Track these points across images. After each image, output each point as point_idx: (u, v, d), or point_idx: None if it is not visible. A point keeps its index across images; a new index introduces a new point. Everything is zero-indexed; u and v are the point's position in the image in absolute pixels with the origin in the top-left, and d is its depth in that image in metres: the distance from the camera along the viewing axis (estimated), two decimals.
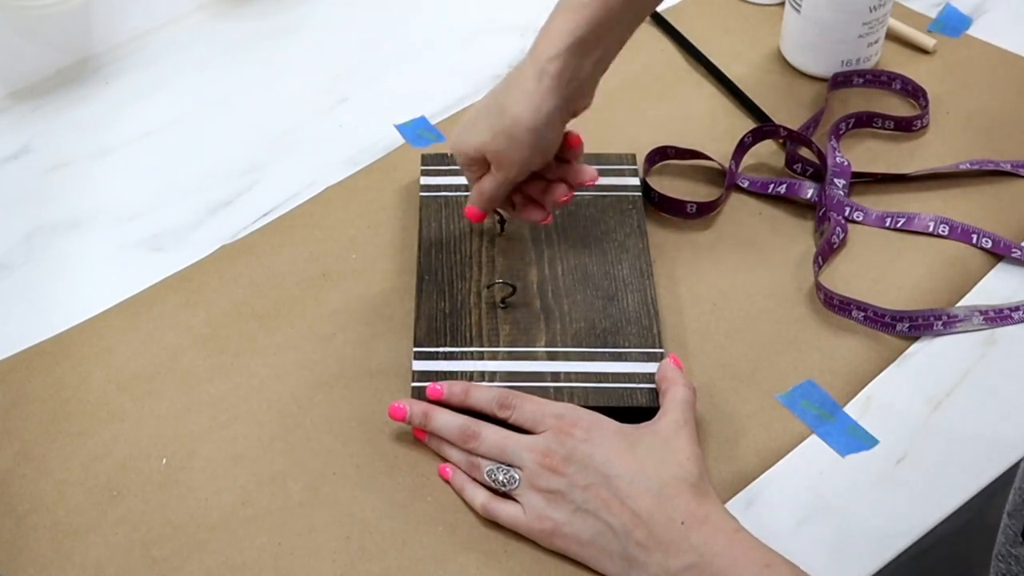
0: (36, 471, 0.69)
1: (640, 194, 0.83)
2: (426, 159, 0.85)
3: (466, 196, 0.78)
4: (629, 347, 0.72)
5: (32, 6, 0.92)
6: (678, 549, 0.59)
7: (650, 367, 0.70)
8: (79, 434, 0.71)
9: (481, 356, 0.72)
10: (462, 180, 0.80)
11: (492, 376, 0.70)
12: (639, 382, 0.70)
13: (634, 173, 0.84)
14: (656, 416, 0.66)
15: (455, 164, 0.78)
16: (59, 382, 0.74)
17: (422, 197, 0.82)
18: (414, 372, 0.71)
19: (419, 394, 0.69)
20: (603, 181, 0.81)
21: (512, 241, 0.79)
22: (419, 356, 0.72)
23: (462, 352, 0.72)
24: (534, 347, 0.72)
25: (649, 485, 0.61)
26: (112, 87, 0.99)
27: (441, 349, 0.72)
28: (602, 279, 0.76)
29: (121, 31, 1.03)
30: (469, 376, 0.70)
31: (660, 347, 0.72)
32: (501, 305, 0.74)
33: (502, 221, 0.80)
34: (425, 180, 0.84)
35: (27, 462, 0.69)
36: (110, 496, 0.67)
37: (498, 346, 0.72)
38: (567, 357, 0.71)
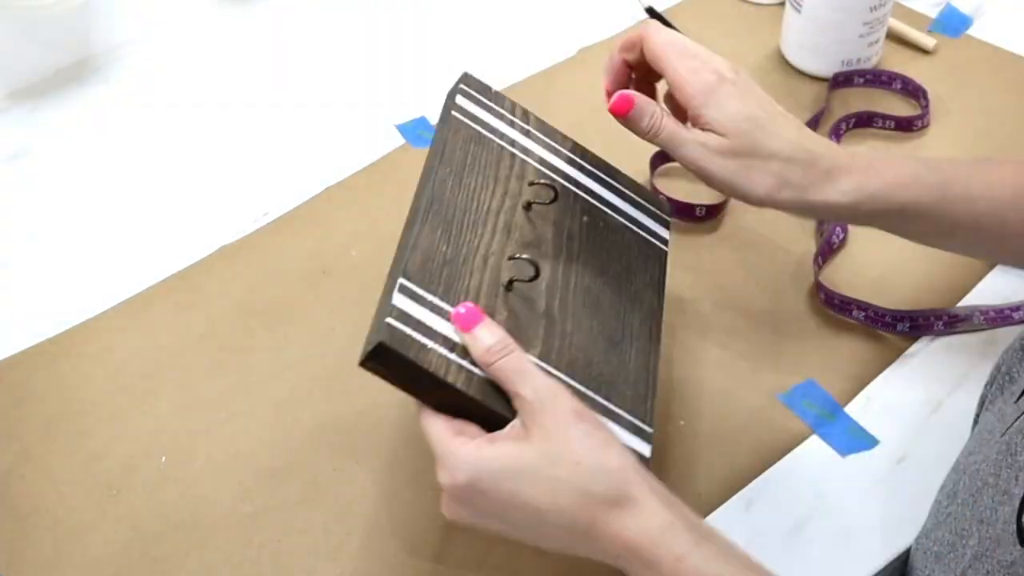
0: (36, 471, 0.69)
1: (667, 250, 0.70)
2: (469, 80, 0.70)
3: (502, 144, 0.67)
4: (621, 409, 0.59)
5: (33, 6, 0.92)
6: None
7: (636, 442, 0.58)
8: (79, 434, 0.71)
9: None
10: (503, 126, 0.69)
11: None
12: None
13: (666, 224, 0.72)
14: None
15: (501, 105, 0.69)
16: (59, 382, 0.74)
17: (453, 116, 0.67)
18: (394, 307, 0.55)
19: (392, 336, 0.54)
20: (635, 215, 0.70)
21: (533, 224, 0.65)
22: (404, 293, 0.56)
23: (449, 313, 0.57)
24: (527, 352, 0.57)
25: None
26: (112, 87, 0.99)
27: (430, 296, 0.56)
28: (611, 318, 0.63)
29: (121, 31, 1.03)
30: (451, 346, 0.55)
31: (651, 427, 0.60)
32: (505, 286, 0.60)
33: (537, 201, 0.65)
34: (461, 101, 0.68)
35: (27, 462, 0.69)
36: (110, 495, 0.67)
37: None
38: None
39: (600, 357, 0.61)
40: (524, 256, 0.61)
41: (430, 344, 0.55)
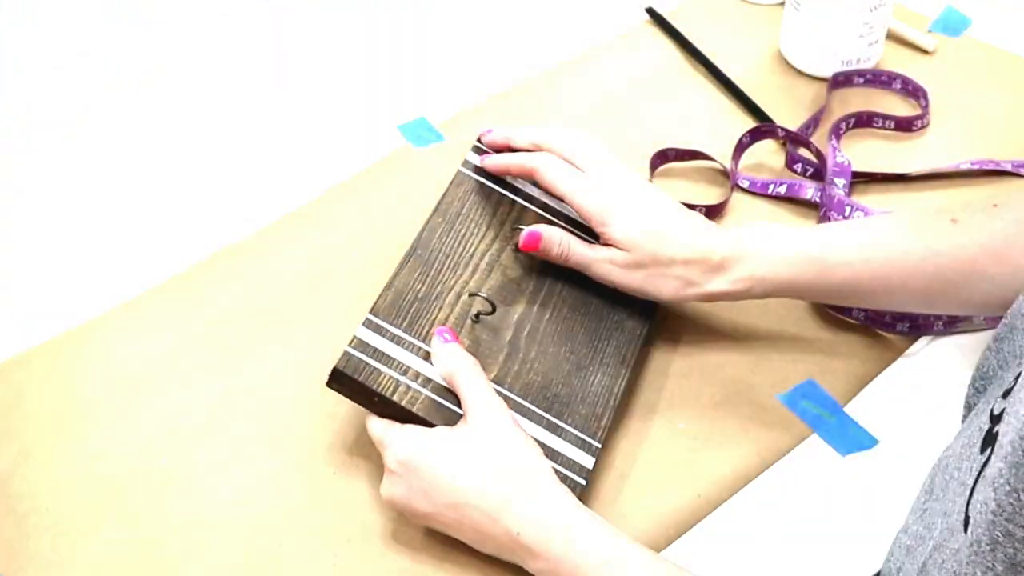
0: (36, 471, 0.69)
1: None
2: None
3: (503, 193, 0.75)
4: (570, 425, 0.67)
5: None
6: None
7: (579, 454, 0.66)
8: (79, 434, 0.71)
9: (425, 356, 0.67)
10: (510, 176, 0.77)
11: (426, 382, 0.66)
12: (559, 463, 0.65)
13: None
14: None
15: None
16: (59, 382, 0.74)
17: (460, 171, 0.76)
18: (355, 337, 0.66)
19: (347, 362, 0.65)
20: None
21: (520, 262, 0.74)
22: (368, 325, 0.67)
23: (410, 342, 0.67)
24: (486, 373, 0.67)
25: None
26: (109, 87, 0.99)
27: (393, 328, 0.67)
28: (583, 345, 0.71)
29: (122, 31, 1.03)
30: (404, 370, 0.66)
31: (599, 442, 0.67)
32: (473, 318, 0.70)
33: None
34: (471, 157, 0.77)
35: (27, 462, 0.69)
36: (110, 496, 0.67)
37: None
38: (505, 402, 0.65)
39: (561, 380, 0.69)
40: (482, 294, 0.70)
41: (382, 368, 0.65)
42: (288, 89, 0.98)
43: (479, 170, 0.77)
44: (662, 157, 0.88)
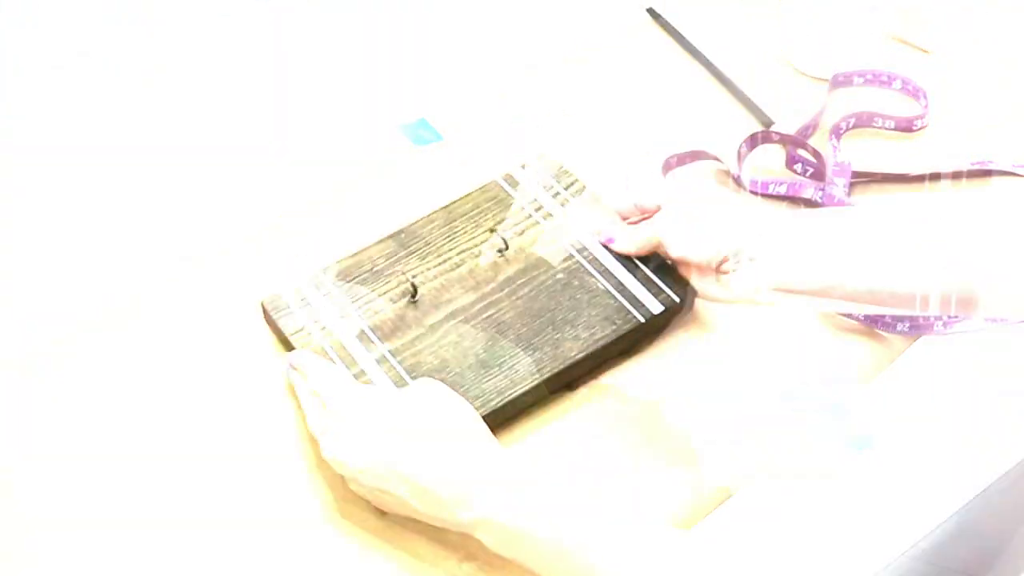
0: (36, 471, 0.69)
1: (642, 321, 0.73)
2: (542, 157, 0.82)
3: (523, 206, 0.77)
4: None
5: None
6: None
7: None
8: (79, 434, 0.71)
9: (347, 316, 0.72)
10: (543, 194, 0.79)
11: (329, 335, 0.71)
12: None
13: (669, 305, 0.74)
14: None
15: (559, 179, 0.79)
16: (59, 382, 0.74)
17: (496, 181, 0.80)
18: (294, 285, 0.73)
19: (273, 302, 0.73)
20: (630, 285, 0.75)
21: (500, 265, 0.75)
22: (313, 280, 0.74)
23: (340, 301, 0.73)
24: (385, 343, 0.71)
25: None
26: (109, 88, 0.99)
27: (333, 288, 0.73)
28: (503, 349, 0.71)
29: (122, 31, 1.03)
30: (316, 320, 0.72)
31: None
32: (411, 296, 0.73)
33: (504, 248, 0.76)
34: (514, 171, 0.80)
35: (27, 462, 0.69)
36: (110, 496, 0.67)
37: (369, 320, 0.72)
38: (389, 372, 0.70)
39: (456, 370, 0.70)
40: (412, 278, 0.73)
41: (299, 315, 0.72)
42: (288, 89, 0.98)
43: (513, 182, 0.79)
44: (666, 166, 0.88)
